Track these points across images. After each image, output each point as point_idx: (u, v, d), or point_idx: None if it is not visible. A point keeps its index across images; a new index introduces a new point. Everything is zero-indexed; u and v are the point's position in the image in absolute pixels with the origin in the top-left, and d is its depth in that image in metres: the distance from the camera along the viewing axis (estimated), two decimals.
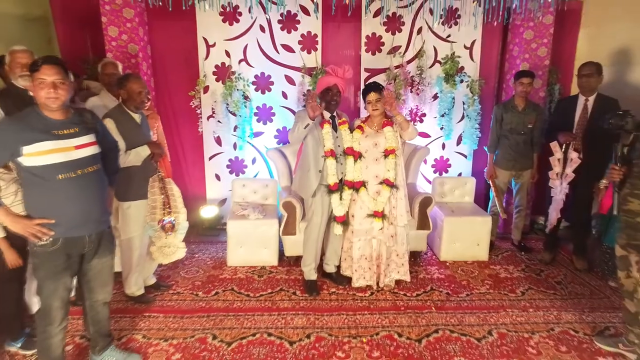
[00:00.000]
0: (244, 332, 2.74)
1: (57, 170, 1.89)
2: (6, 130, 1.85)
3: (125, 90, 2.75)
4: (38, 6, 4.19)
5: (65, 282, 2.03)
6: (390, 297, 3.18)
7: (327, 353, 2.54)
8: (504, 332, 2.77)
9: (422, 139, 4.44)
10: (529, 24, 4.10)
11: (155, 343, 2.62)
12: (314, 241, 3.21)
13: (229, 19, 4.11)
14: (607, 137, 2.53)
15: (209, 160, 4.42)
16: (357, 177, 3.10)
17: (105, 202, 2.16)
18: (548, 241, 3.87)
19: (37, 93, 1.88)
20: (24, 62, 2.50)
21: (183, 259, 3.50)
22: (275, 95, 4.30)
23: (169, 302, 3.10)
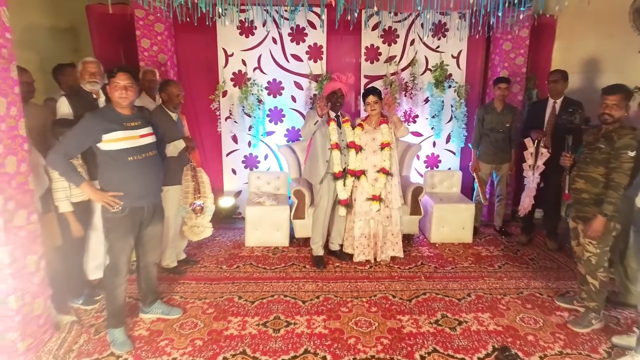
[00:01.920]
0: (263, 294, 3.29)
1: (128, 153, 2.46)
2: (92, 122, 2.41)
3: (166, 93, 3.33)
4: (66, 19, 4.67)
5: (130, 243, 2.59)
6: (386, 270, 3.73)
7: (334, 309, 3.09)
8: (481, 294, 3.32)
9: (415, 137, 5.01)
10: (507, 37, 4.68)
11: (191, 302, 3.17)
12: (322, 222, 3.77)
13: (246, 32, 4.69)
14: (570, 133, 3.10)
15: (226, 156, 4.99)
16: (358, 167, 3.67)
17: (160, 180, 2.72)
18: (525, 225, 4.42)
19: (112, 93, 2.44)
20: (92, 70, 3.08)
21: (207, 239, 4.06)
22: (285, 99, 4.88)
23: (198, 273, 3.65)
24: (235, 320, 2.93)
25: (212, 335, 2.76)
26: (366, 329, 2.84)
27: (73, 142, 2.41)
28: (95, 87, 3.16)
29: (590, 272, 2.82)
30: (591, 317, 2.85)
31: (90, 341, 2.67)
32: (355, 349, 2.63)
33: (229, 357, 2.54)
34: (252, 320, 2.92)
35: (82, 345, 2.63)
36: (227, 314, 3.00)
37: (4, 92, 2.18)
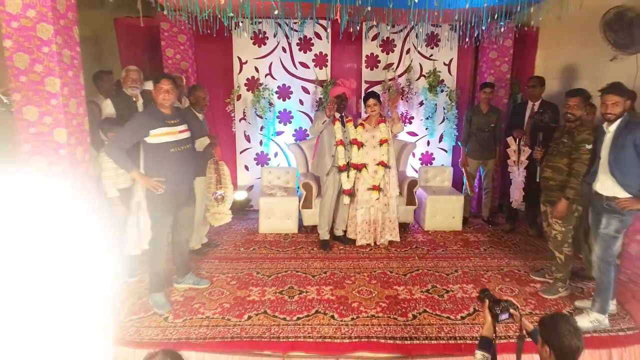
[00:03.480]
0: (278, 270, 3.80)
1: (170, 146, 2.97)
2: (141, 120, 2.93)
3: (194, 96, 3.85)
4: (89, 29, 5.10)
5: (169, 220, 3.10)
6: (384, 252, 4.24)
7: (339, 281, 3.59)
8: (467, 270, 3.82)
9: (411, 137, 5.53)
10: (493, 47, 5.21)
11: (216, 276, 3.67)
12: (328, 209, 4.28)
13: (258, 42, 5.22)
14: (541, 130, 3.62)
15: (239, 154, 5.50)
16: (360, 160, 4.19)
17: (194, 169, 3.24)
18: (509, 215, 4.93)
19: (157, 96, 2.95)
20: (134, 77, 3.60)
21: (224, 227, 4.56)
22: (293, 102, 5.40)
23: (219, 254, 4.16)
24: (255, 289, 3.44)
25: (237, 300, 3.27)
26: (367, 296, 3.35)
27: (126, 137, 2.92)
28: (135, 92, 3.68)
29: (557, 248, 3.33)
30: (558, 286, 3.36)
31: (135, 304, 3.17)
32: (358, 310, 3.14)
33: (252, 315, 3.05)
34: (269, 290, 3.43)
35: (129, 307, 3.13)
36: (248, 285, 3.51)
37: (74, 95, 2.69)
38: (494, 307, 2.08)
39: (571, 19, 4.75)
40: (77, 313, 1.23)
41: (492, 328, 2.06)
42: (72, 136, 2.65)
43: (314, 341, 2.81)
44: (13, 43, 2.46)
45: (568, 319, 1.86)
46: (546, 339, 1.81)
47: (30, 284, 1.15)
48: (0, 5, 2.42)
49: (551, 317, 1.90)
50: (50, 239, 1.16)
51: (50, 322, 1.19)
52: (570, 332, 1.76)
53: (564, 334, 1.75)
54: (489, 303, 2.10)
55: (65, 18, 2.59)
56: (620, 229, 2.88)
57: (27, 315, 1.14)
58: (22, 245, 1.16)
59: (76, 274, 1.22)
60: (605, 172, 2.89)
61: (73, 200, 1.73)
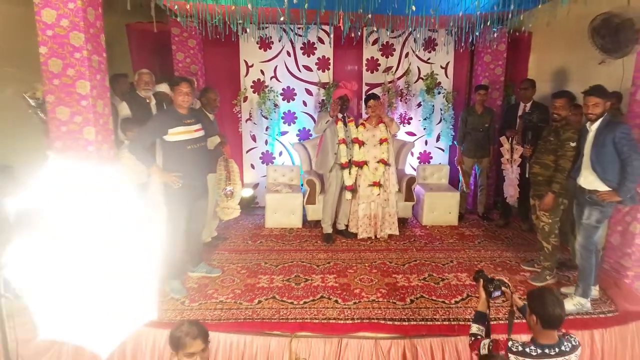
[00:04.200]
0: (284, 260, 4.05)
1: (187, 143, 3.23)
2: (160, 120, 3.19)
3: (205, 98, 4.11)
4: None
5: (185, 212, 3.35)
6: (384, 244, 4.49)
7: (342, 270, 3.84)
8: (461, 261, 4.07)
9: (409, 136, 5.79)
10: (487, 51, 5.47)
11: (227, 265, 3.93)
12: (331, 204, 4.53)
13: (264, 46, 5.49)
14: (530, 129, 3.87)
15: (246, 153, 5.76)
16: (361, 158, 4.44)
17: (208, 165, 3.49)
18: (503, 211, 5.18)
19: (176, 97, 3.21)
20: (146, 80, 3.86)
21: (232, 222, 4.81)
22: (297, 103, 5.66)
23: (229, 246, 4.41)
24: (264, 277, 3.69)
25: (248, 287, 3.52)
26: (368, 283, 3.60)
27: (147, 135, 3.18)
28: (148, 94, 3.94)
29: (544, 238, 3.58)
30: (546, 274, 3.61)
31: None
32: (360, 296, 3.39)
33: (262, 300, 3.31)
34: (277, 278, 3.69)
35: None
36: (257, 274, 3.76)
37: (101, 96, 2.96)
38: (487, 285, 2.35)
39: (562, 25, 5.00)
40: (137, 274, 1.49)
41: (486, 304, 2.33)
42: (99, 134, 2.91)
43: (319, 322, 3.06)
44: (48, 49, 2.72)
45: (552, 291, 2.13)
46: (533, 309, 2.06)
47: (100, 252, 1.41)
48: (37, 15, 2.68)
49: (537, 290, 2.18)
50: (115, 219, 1.41)
51: (115, 281, 1.45)
52: (553, 302, 2.02)
53: (548, 304, 2.00)
54: (483, 282, 2.37)
55: (94, 27, 2.85)
56: (601, 219, 3.14)
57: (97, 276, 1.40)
58: (94, 222, 1.41)
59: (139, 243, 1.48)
60: (588, 168, 3.14)
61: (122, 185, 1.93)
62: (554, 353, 2.00)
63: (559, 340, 2.04)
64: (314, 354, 2.92)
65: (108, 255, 1.45)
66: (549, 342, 2.02)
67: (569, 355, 2.03)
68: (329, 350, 2.92)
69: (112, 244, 1.46)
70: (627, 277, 3.41)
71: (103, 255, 1.44)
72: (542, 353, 2.00)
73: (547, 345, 2.01)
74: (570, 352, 2.03)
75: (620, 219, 3.46)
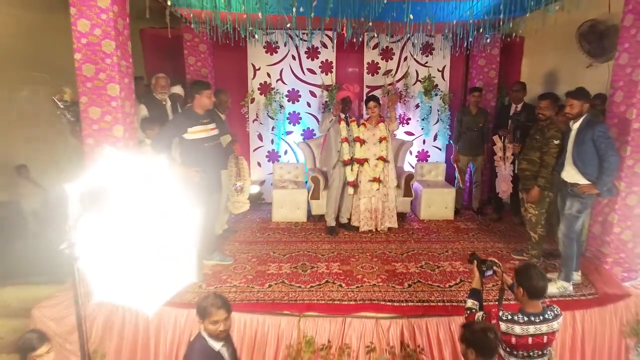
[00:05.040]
0: (291, 250, 4.36)
1: (204, 141, 3.54)
2: (180, 120, 3.50)
3: (218, 99, 4.40)
4: None
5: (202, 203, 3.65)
6: (384, 236, 4.79)
7: (345, 259, 4.15)
8: (456, 251, 4.38)
9: (408, 136, 6.10)
10: (482, 55, 5.79)
11: (238, 255, 4.23)
12: (334, 199, 4.84)
13: (270, 50, 5.80)
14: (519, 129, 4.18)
15: (253, 152, 6.06)
16: (362, 155, 4.75)
17: (223, 161, 3.80)
18: (496, 206, 5.49)
19: (203, 100, 3.51)
20: (162, 84, 4.18)
21: (241, 217, 5.12)
22: (302, 104, 5.97)
23: (239, 238, 4.71)
24: (273, 265, 4.00)
25: (258, 273, 3.83)
26: (369, 270, 3.91)
27: (169, 133, 3.49)
28: (164, 96, 4.26)
29: (532, 228, 3.89)
30: (533, 262, 3.91)
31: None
32: (362, 281, 3.70)
33: (273, 284, 3.62)
34: (285, 265, 3.99)
35: None
36: (266, 261, 4.07)
37: (128, 98, 3.27)
38: (481, 266, 2.67)
39: (552, 31, 5.31)
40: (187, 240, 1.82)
41: (479, 282, 2.65)
42: (126, 132, 3.23)
43: (325, 303, 3.37)
44: (82, 56, 3.03)
45: (536, 266, 2.45)
46: (520, 282, 2.39)
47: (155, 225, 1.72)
48: (73, 25, 2.99)
49: (523, 266, 2.51)
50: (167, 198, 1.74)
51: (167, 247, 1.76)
52: (537, 275, 2.35)
53: (533, 277, 2.33)
54: (477, 263, 2.70)
55: (122, 35, 3.17)
56: (581, 209, 3.44)
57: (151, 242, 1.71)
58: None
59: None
60: (570, 163, 3.45)
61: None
62: (539, 320, 2.33)
63: (543, 310, 2.37)
64: (320, 331, 3.23)
65: (156, 228, 1.75)
66: (535, 311, 2.35)
67: (552, 322, 2.35)
68: (334, 329, 3.23)
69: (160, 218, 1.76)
70: (606, 263, 3.71)
71: (152, 228, 1.74)
72: (529, 320, 2.32)
73: (533, 314, 2.34)
74: (553, 320, 2.36)
75: (600, 210, 3.77)
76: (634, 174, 3.53)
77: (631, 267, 3.70)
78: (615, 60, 3.65)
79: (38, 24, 5.84)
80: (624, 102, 3.53)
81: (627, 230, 3.65)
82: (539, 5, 4.03)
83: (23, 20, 5.81)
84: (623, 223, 3.63)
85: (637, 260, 3.72)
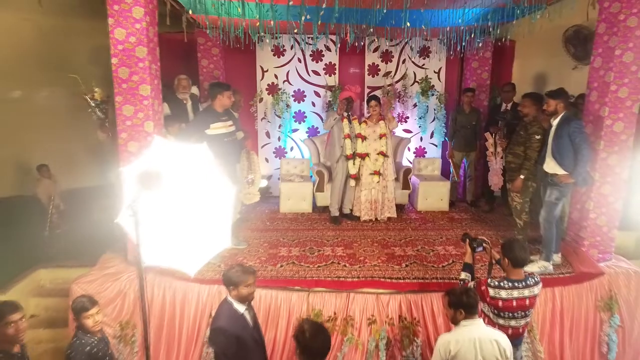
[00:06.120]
0: (299, 237, 4.77)
1: (224, 136, 3.95)
2: (203, 118, 3.92)
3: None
4: None
5: None
6: (384, 225, 5.21)
7: (349, 244, 4.57)
8: (450, 238, 4.80)
9: (406, 133, 6.51)
10: (475, 58, 6.20)
11: (250, 240, 4.64)
12: (337, 191, 5.26)
13: (278, 53, 6.21)
14: (506, 126, 4.59)
15: (261, 148, 6.48)
16: (363, 150, 5.17)
17: (238, 154, 4.21)
18: (488, 198, 5.90)
19: (223, 100, 3.92)
20: (184, 84, 4.59)
21: (251, 208, 5.53)
22: (307, 104, 6.39)
23: (250, 226, 5.13)
24: (283, 248, 4.42)
25: (270, 255, 4.24)
26: (371, 253, 4.33)
27: (194, 129, 3.93)
28: (185, 96, 4.68)
29: (517, 215, 4.30)
30: None
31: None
32: (363, 262, 4.11)
33: (284, 264, 4.03)
34: (294, 249, 4.41)
35: None
36: (277, 246, 4.48)
37: (157, 97, 3.69)
38: (472, 243, 3.13)
39: (541, 35, 5.70)
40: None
41: (471, 257, 3.12)
42: (155, 127, 3.64)
43: (331, 280, 3.79)
44: (118, 60, 3.45)
45: (519, 240, 2.91)
46: (505, 254, 2.84)
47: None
48: (111, 33, 3.41)
49: (508, 240, 2.99)
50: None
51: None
52: (519, 248, 2.82)
53: (516, 249, 2.80)
54: (469, 241, 3.15)
55: (152, 42, 3.59)
56: (560, 197, 3.86)
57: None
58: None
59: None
60: (550, 156, 3.86)
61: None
62: (522, 286, 2.80)
63: (525, 277, 2.85)
64: (327, 305, 3.64)
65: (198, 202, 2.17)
66: (518, 278, 2.82)
67: (533, 288, 2.82)
68: (339, 303, 3.64)
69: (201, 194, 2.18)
70: (583, 245, 4.12)
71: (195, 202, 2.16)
72: (513, 286, 2.78)
73: (516, 280, 2.80)
74: (534, 286, 2.82)
75: (578, 199, 4.18)
76: (607, 166, 3.95)
77: (606, 249, 4.11)
78: (590, 64, 4.06)
79: (56, 29, 6.25)
80: (598, 101, 3.95)
81: (602, 216, 4.06)
82: (523, 14, 4.43)
83: (42, 25, 6.22)
84: (598, 210, 4.04)
85: (611, 243, 4.14)
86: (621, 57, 3.72)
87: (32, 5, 5.71)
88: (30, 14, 6.02)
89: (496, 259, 3.15)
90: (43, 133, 6.21)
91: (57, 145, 6.17)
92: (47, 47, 6.25)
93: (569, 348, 3.79)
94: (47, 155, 5.87)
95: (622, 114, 3.84)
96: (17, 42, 6.12)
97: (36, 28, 6.23)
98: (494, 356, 2.47)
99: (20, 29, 6.12)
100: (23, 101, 6.34)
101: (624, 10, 3.64)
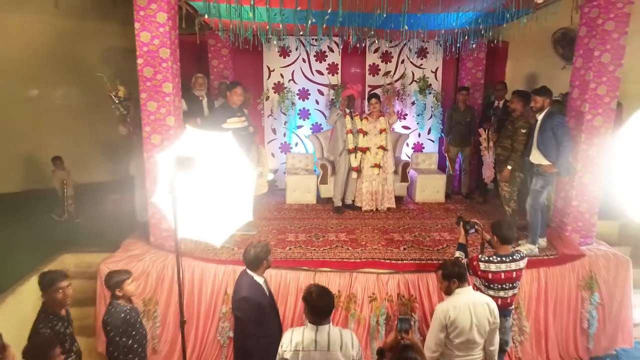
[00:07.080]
0: (305, 225, 5.13)
1: (239, 130, 4.31)
2: (220, 113, 4.29)
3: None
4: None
5: None
6: (383, 215, 5.57)
7: (351, 230, 4.93)
8: (445, 225, 5.16)
9: (405, 130, 6.87)
10: (470, 58, 6.57)
11: (260, 228, 5.01)
12: (340, 182, 5.63)
13: (284, 54, 6.58)
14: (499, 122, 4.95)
15: (267, 144, 6.84)
16: (364, 145, 5.54)
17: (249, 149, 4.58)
18: (481, 190, 6.26)
19: (233, 97, 4.29)
20: (201, 82, 4.96)
21: (259, 199, 5.88)
22: (311, 102, 6.75)
23: (259, 216, 5.48)
24: (291, 234, 4.79)
25: (279, 240, 4.61)
26: (371, 238, 4.69)
27: (211, 124, 4.29)
28: (201, 93, 5.04)
29: (506, 203, 4.66)
30: None
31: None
32: (365, 246, 4.48)
33: (292, 247, 4.40)
34: (301, 235, 4.78)
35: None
36: (285, 232, 4.85)
37: (177, 94, 4.05)
38: (465, 225, 3.50)
39: (533, 36, 6.07)
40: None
41: (465, 238, 3.51)
42: (176, 122, 4.00)
43: (335, 261, 4.15)
44: (143, 61, 3.81)
45: (508, 220, 3.27)
46: (494, 232, 3.23)
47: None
48: (137, 36, 3.77)
49: (497, 220, 3.39)
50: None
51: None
52: (507, 226, 3.23)
53: (504, 227, 3.19)
54: (462, 223, 3.52)
55: (174, 44, 3.95)
56: (544, 185, 4.22)
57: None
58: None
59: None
60: (535, 148, 4.23)
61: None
62: (509, 260, 3.18)
63: (512, 253, 3.22)
64: (332, 284, 4.00)
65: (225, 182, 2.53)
66: (505, 253, 3.19)
67: (519, 262, 3.21)
68: (343, 282, 4.01)
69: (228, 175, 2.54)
70: (567, 230, 4.48)
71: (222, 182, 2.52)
72: (501, 260, 3.16)
73: (504, 255, 3.19)
74: (520, 260, 3.21)
75: (562, 187, 4.55)
76: (588, 157, 4.30)
77: (587, 233, 4.47)
78: (573, 64, 4.42)
79: (70, 30, 6.59)
80: (579, 98, 4.31)
81: (584, 204, 4.42)
82: (512, 18, 4.79)
83: (58, 27, 6.57)
84: (580, 197, 4.40)
85: (592, 228, 4.50)
86: (600, 58, 4.08)
87: (48, 7, 6.09)
88: (47, 15, 6.36)
89: (487, 239, 3.53)
90: (58, 130, 6.57)
91: (71, 142, 6.51)
92: (62, 48, 6.58)
93: (553, 324, 4.16)
94: (62, 151, 6.19)
95: (601, 110, 4.20)
96: (34, 43, 6.44)
97: (52, 29, 6.55)
98: (485, 317, 2.79)
99: (36, 30, 6.44)
100: (39, 100, 6.67)
101: (602, 15, 4.00)
